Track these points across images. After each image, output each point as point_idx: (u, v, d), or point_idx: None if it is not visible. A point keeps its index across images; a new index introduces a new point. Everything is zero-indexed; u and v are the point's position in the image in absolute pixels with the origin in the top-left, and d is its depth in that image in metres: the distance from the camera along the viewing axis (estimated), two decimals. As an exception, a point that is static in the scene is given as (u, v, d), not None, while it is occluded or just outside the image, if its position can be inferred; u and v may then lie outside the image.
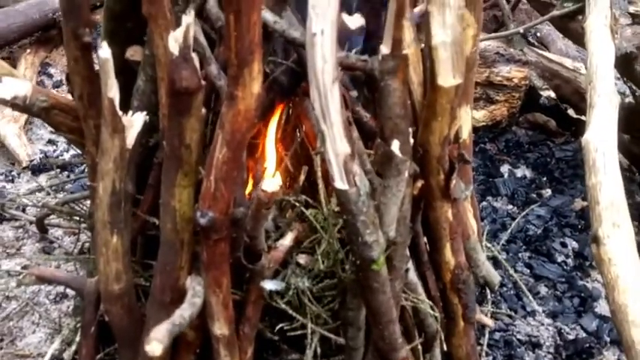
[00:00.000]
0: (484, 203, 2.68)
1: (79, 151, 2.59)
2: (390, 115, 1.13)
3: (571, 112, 3.38)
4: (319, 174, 1.36)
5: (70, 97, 1.44)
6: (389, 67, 1.08)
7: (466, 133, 1.59)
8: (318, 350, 1.39)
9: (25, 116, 2.69)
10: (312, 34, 1.00)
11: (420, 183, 1.38)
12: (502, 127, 3.27)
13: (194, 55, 1.02)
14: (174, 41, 1.01)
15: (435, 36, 1.01)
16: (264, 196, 1.07)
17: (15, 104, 1.31)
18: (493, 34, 3.20)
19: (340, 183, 1.09)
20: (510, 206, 2.71)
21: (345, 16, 1.26)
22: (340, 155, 1.07)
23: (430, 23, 1.00)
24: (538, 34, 4.12)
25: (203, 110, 1.12)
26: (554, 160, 3.06)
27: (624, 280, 1.57)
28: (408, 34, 1.40)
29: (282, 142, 1.50)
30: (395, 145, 1.12)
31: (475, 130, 3.24)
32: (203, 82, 1.05)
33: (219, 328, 1.30)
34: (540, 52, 3.41)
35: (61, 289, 1.82)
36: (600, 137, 2.10)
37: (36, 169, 2.43)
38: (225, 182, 1.12)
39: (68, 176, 2.26)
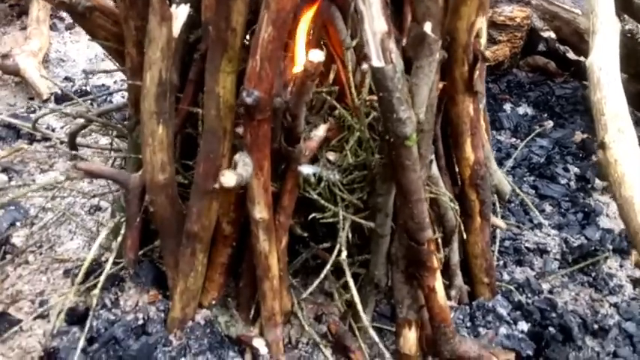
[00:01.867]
0: (489, 136, 2.78)
1: (96, 84, 2.65)
2: (423, -2, 1.21)
3: (570, 55, 3.47)
4: (350, 69, 1.44)
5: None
6: (423, -50, 1.15)
7: (483, 42, 1.67)
8: (350, 236, 1.49)
9: (42, 52, 2.74)
10: None
11: (441, 84, 1.47)
12: (503, 68, 3.35)
13: None
14: None
15: None
16: (310, 66, 1.15)
17: (61, 2, 1.38)
18: (496, -24, 3.26)
19: (377, 61, 1.17)
20: (514, 139, 2.80)
21: None
22: (378, 33, 1.15)
23: None
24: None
25: (248, -5, 1.19)
26: (555, 98, 3.15)
27: (630, 177, 1.68)
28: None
29: (309, 45, 1.58)
30: (427, 27, 1.20)
31: (478, 70, 3.33)
32: (251, -37, 1.13)
33: (260, 212, 1.39)
34: (540, -7, 3.48)
35: (95, 201, 1.91)
36: (603, 58, 2.20)
37: (58, 100, 2.50)
38: (270, 61, 1.20)
39: (91, 104, 2.33)
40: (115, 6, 1.48)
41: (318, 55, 1.15)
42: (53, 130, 2.29)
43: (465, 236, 1.62)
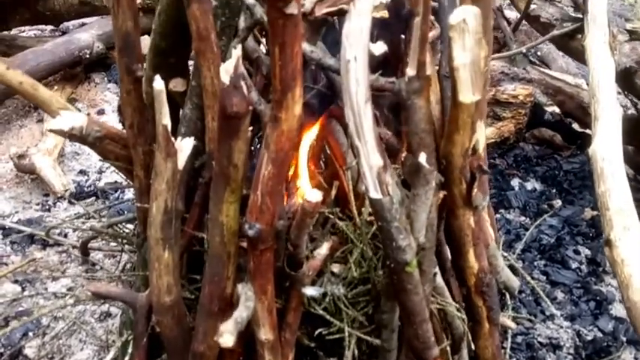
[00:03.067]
0: (497, 216, 2.79)
1: (110, 180, 2.73)
2: (417, 130, 1.25)
3: (576, 126, 3.51)
4: (351, 187, 1.48)
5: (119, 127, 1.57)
6: (415, 87, 1.21)
7: (481, 147, 1.70)
8: (356, 352, 1.49)
9: (58, 149, 2.83)
10: (346, 61, 1.13)
11: (442, 194, 1.50)
12: (510, 143, 3.39)
13: (243, 84, 1.15)
14: (224, 72, 1.14)
15: (456, 58, 1.14)
16: (308, 206, 1.19)
17: (72, 135, 1.44)
18: (497, 55, 3.34)
19: (374, 193, 1.21)
20: (523, 217, 2.81)
21: (369, 44, 1.39)
22: (374, 168, 1.19)
23: (452, 47, 1.13)
24: (539, 53, 4.27)
25: (249, 133, 1.24)
26: (563, 173, 3.17)
27: (637, 279, 1.67)
28: (427, 57, 1.54)
29: (312, 160, 1.62)
30: (422, 157, 1.24)
31: (484, 147, 3.37)
32: (250, 108, 1.18)
33: (265, 334, 1.41)
34: (543, 70, 3.55)
35: (105, 308, 1.94)
36: (606, 147, 2.23)
37: (72, 198, 2.57)
38: (271, 196, 1.24)
39: (104, 203, 2.40)
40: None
41: (316, 196, 1.18)
42: (65, 236, 2.35)
43: (472, 345, 1.61)
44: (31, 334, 1.88)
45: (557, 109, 3.46)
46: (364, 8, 1.10)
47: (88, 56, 3.31)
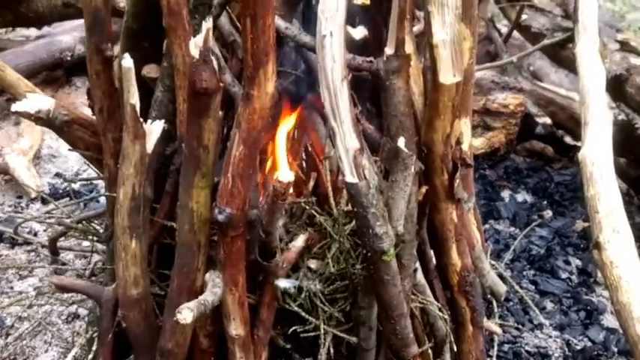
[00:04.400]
0: (486, 226, 2.72)
1: (86, 183, 2.66)
2: (396, 112, 1.20)
3: (568, 139, 3.47)
4: (328, 178, 1.42)
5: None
6: (393, 66, 1.16)
7: (467, 144, 1.65)
8: (332, 351, 1.41)
9: (33, 150, 2.76)
10: (322, 36, 1.08)
11: (424, 189, 1.44)
12: (501, 154, 3.34)
13: (213, 59, 1.09)
14: (194, 46, 1.09)
15: (435, 34, 1.09)
16: (279, 186, 1.13)
17: (39, 118, 1.38)
18: (488, 64, 3.31)
19: (351, 177, 1.15)
20: (512, 228, 2.75)
21: (349, 28, 1.35)
22: (350, 150, 1.14)
23: (430, 22, 1.09)
24: (531, 68, 4.26)
25: (220, 113, 1.19)
26: (554, 185, 3.12)
27: (626, 281, 1.61)
28: (409, 47, 1.49)
29: (290, 151, 1.56)
30: (401, 142, 1.18)
31: (474, 157, 3.29)
32: (221, 84, 1.12)
33: (235, 329, 1.33)
34: (534, 81, 3.53)
35: (72, 309, 1.85)
36: (596, 151, 2.17)
37: (45, 200, 2.49)
38: (242, 179, 1.18)
39: (78, 204, 2.32)
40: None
41: (287, 176, 1.12)
42: (35, 235, 2.27)
43: (454, 347, 1.54)
44: (-6, 334, 1.80)
45: (548, 120, 3.42)
46: (340, -19, 1.06)
47: (69, 59, 3.26)
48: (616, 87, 2.63)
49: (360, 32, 1.34)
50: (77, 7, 3.24)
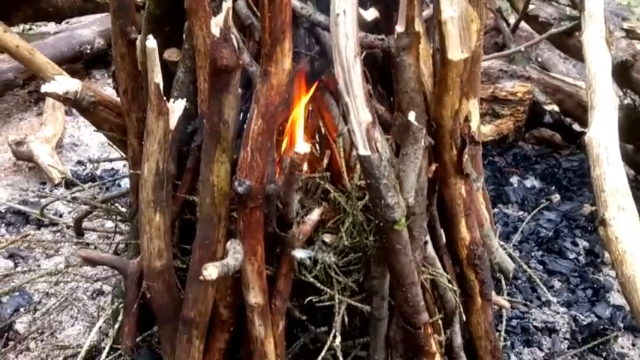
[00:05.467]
0: (495, 210, 2.78)
1: (107, 169, 2.74)
2: (406, 88, 1.26)
3: (576, 127, 3.51)
4: (341, 155, 1.48)
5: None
6: (404, 43, 1.22)
7: (475, 125, 1.70)
8: (346, 320, 1.48)
9: (56, 139, 2.85)
10: (335, 15, 1.14)
11: (434, 166, 1.50)
12: (509, 142, 3.39)
13: (233, 37, 1.16)
14: (215, 25, 1.15)
15: (443, 11, 1.15)
16: (296, 157, 1.19)
17: (67, 99, 1.46)
18: (496, 54, 3.37)
19: (364, 150, 1.21)
20: (521, 212, 2.80)
21: (361, 10, 1.41)
22: (363, 124, 1.20)
23: (439, 0, 1.15)
24: (539, 59, 4.29)
25: (239, 90, 1.25)
26: (562, 170, 3.16)
27: (631, 255, 1.66)
28: (419, 27, 1.55)
29: (305, 130, 1.63)
30: (411, 116, 1.24)
31: (483, 144, 3.36)
32: (240, 62, 1.19)
33: (254, 297, 1.40)
34: (542, 70, 3.57)
35: (97, 286, 1.93)
36: (602, 134, 2.22)
37: (68, 185, 2.58)
38: (260, 152, 1.24)
39: (100, 188, 2.41)
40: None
41: (303, 147, 1.19)
42: (61, 216, 2.36)
43: (464, 318, 1.59)
44: (22, 309, 1.88)
45: (555, 108, 3.46)
46: (353, -37, 1.12)
47: (88, 52, 3.35)
48: (622, 73, 2.67)
49: (371, 14, 1.40)
50: (96, 1, 3.33)
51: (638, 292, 1.56)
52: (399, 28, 1.21)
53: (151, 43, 1.26)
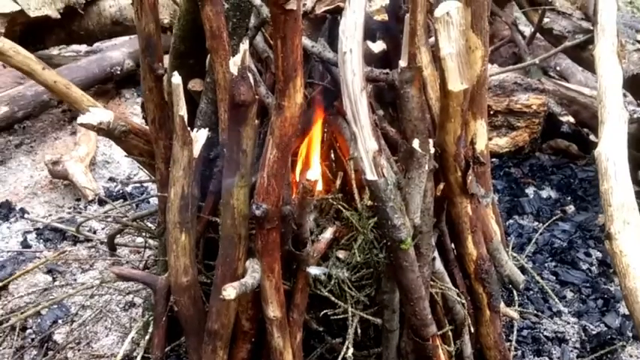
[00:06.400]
0: (510, 221, 2.84)
1: (137, 185, 2.89)
2: (410, 117, 1.36)
3: (592, 137, 3.55)
4: (353, 176, 1.58)
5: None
6: (407, 77, 1.32)
7: (482, 144, 1.78)
8: (359, 331, 1.58)
9: (89, 157, 3.02)
10: (342, 53, 1.25)
11: (442, 185, 1.60)
12: (525, 152, 3.45)
13: (250, 75, 1.27)
14: (233, 65, 1.27)
15: (442, 49, 1.25)
16: (308, 184, 1.30)
17: (101, 129, 1.59)
18: (511, 67, 3.43)
19: (371, 175, 1.31)
20: (536, 223, 2.86)
21: (369, 43, 1.51)
22: (370, 151, 1.30)
23: (438, 38, 1.24)
24: (558, 68, 4.33)
25: (256, 121, 1.37)
26: (577, 181, 3.21)
27: (634, 268, 1.72)
28: (425, 57, 1.65)
29: (320, 154, 1.74)
30: (415, 143, 1.34)
31: (499, 155, 3.44)
32: (257, 97, 1.30)
33: (273, 311, 1.51)
34: (557, 81, 3.62)
35: (129, 298, 2.06)
36: (611, 148, 2.29)
37: (101, 202, 2.73)
38: (276, 178, 1.35)
39: (130, 205, 2.56)
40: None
41: (314, 174, 1.29)
42: (95, 232, 2.51)
43: (472, 329, 1.68)
44: (60, 321, 2.02)
45: (571, 119, 3.51)
46: (358, 6, 1.22)
47: (119, 73, 3.52)
48: (633, 86, 2.72)
49: (379, 46, 1.51)
50: (125, 25, 3.50)
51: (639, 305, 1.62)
52: (402, 62, 1.31)
53: (176, 79, 1.38)
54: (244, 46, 1.25)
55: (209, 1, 1.36)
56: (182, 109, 1.40)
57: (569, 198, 3.08)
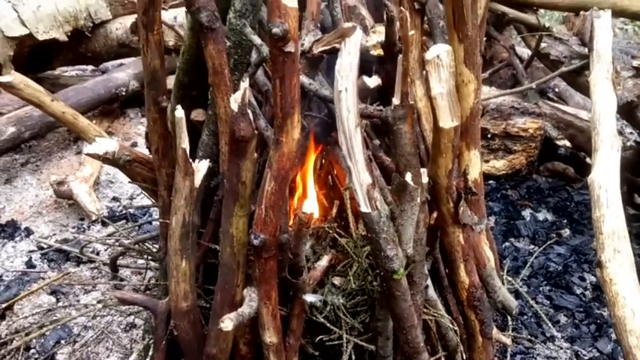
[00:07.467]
0: (506, 244, 2.89)
1: (141, 205, 2.94)
2: (403, 152, 1.42)
3: (589, 160, 3.60)
4: (349, 206, 1.63)
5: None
6: (399, 114, 1.37)
7: (476, 173, 1.83)
8: (353, 358, 1.62)
9: (93, 177, 3.08)
10: (338, 92, 1.31)
11: (435, 214, 1.65)
12: (522, 175, 3.51)
13: (249, 111, 1.33)
14: (234, 101, 1.33)
15: (433, 89, 1.31)
16: (304, 217, 1.35)
17: (106, 158, 1.65)
18: (508, 90, 3.49)
19: (365, 207, 1.36)
20: (532, 246, 2.90)
21: (365, 78, 1.57)
22: (364, 185, 1.35)
23: (429, 79, 1.30)
24: (556, 90, 4.40)
25: (255, 154, 1.42)
26: (574, 204, 3.26)
27: (623, 297, 1.77)
28: (420, 90, 1.71)
29: (317, 182, 1.79)
30: (408, 177, 1.39)
31: (496, 178, 3.49)
32: (256, 132, 1.36)
33: (269, 337, 1.55)
34: (554, 104, 3.68)
35: (131, 319, 2.11)
36: (603, 176, 2.34)
37: (105, 222, 2.79)
38: (274, 209, 1.40)
39: (133, 226, 2.61)
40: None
41: (310, 207, 1.35)
42: (98, 254, 2.56)
43: (464, 356, 1.72)
44: (63, 341, 2.06)
45: (567, 144, 3.57)
46: (353, 47, 1.28)
47: (124, 93, 3.59)
48: (628, 113, 2.77)
49: (374, 81, 1.56)
50: (131, 46, 3.58)
51: (627, 333, 1.66)
52: (395, 100, 1.37)
53: (179, 113, 1.44)
54: (245, 84, 1.31)
55: (212, 39, 1.41)
56: (184, 142, 1.46)
57: (565, 221, 3.13)
